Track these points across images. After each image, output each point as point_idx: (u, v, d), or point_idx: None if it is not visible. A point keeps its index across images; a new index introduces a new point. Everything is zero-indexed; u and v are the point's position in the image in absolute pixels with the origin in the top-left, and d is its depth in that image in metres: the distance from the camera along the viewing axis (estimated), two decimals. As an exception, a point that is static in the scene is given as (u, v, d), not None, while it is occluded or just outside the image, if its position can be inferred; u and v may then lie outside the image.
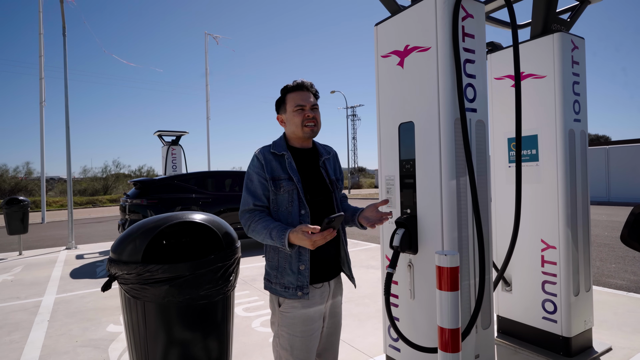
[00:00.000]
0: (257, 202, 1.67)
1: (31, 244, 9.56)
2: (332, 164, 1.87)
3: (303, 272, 1.64)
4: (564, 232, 2.74)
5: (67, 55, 9.47)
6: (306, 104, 1.71)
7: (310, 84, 1.77)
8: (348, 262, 1.84)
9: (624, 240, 1.31)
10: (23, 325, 3.90)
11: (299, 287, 1.63)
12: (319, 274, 1.70)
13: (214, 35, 21.71)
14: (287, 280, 1.65)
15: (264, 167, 1.67)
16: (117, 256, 1.56)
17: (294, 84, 1.75)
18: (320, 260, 1.70)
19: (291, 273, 1.64)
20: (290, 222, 1.66)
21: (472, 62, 2.09)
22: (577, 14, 2.95)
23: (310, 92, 1.75)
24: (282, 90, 1.79)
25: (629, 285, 4.81)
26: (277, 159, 1.70)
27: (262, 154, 1.71)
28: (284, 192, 1.66)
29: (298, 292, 1.62)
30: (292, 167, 1.69)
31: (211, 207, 7.42)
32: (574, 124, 2.80)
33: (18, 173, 30.46)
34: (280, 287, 1.66)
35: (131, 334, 1.60)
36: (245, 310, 4.16)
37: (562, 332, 2.75)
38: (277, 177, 1.67)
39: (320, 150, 1.85)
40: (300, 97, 1.72)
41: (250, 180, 1.70)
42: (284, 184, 1.66)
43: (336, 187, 1.82)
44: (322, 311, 1.71)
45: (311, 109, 1.72)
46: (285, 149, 1.73)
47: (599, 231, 8.70)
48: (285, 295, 1.64)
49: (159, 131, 13.02)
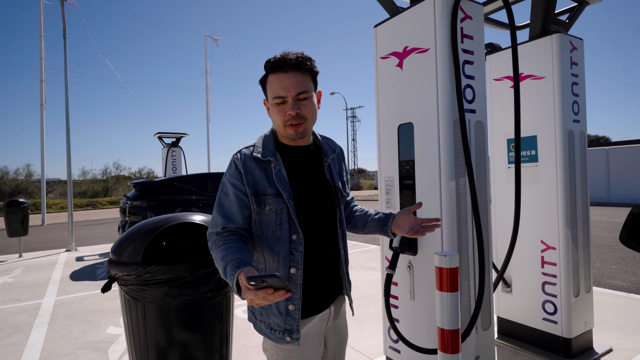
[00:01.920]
0: (229, 224, 1.27)
1: (31, 246, 9.55)
2: (337, 166, 1.48)
3: (292, 313, 1.27)
4: (563, 233, 2.74)
5: (67, 58, 9.49)
6: (287, 94, 1.24)
7: (296, 58, 1.25)
8: (348, 285, 1.46)
9: (623, 241, 1.31)
10: (23, 327, 3.89)
11: (287, 330, 1.27)
12: (315, 305, 1.36)
13: (214, 37, 21.74)
14: (272, 321, 1.30)
15: (243, 177, 1.27)
16: (117, 257, 1.56)
17: (273, 59, 1.26)
18: (315, 288, 1.34)
19: (278, 314, 1.28)
20: (278, 250, 1.28)
21: (471, 63, 2.10)
22: (575, 15, 2.96)
23: (297, 72, 1.26)
24: (264, 66, 1.30)
25: (630, 286, 4.80)
26: (262, 167, 1.29)
27: (241, 158, 1.30)
28: (270, 212, 1.27)
29: (286, 337, 1.27)
30: (281, 177, 1.28)
31: (211, 208, 7.42)
32: (573, 124, 2.80)
33: (18, 175, 30.49)
34: (265, 327, 1.32)
35: (131, 335, 1.60)
36: (245, 312, 4.15)
37: (562, 333, 2.75)
38: (260, 192, 1.27)
39: (323, 148, 1.42)
40: (280, 84, 1.24)
41: (225, 194, 1.30)
42: (270, 200, 1.26)
43: (342, 196, 1.45)
44: (321, 336, 1.40)
45: (296, 101, 1.26)
46: (272, 152, 1.30)
47: (599, 232, 8.69)
48: (272, 338, 1.30)
49: (159, 133, 13.05)
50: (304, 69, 1.27)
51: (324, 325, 1.40)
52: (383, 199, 2.39)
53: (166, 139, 13.41)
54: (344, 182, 1.49)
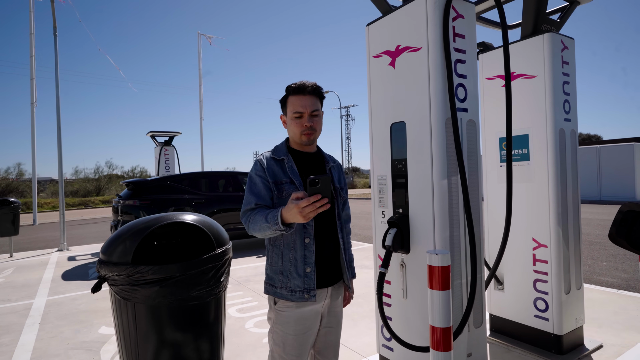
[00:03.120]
0: (260, 201, 1.63)
1: (22, 246, 9.44)
2: (337, 174, 1.84)
3: (309, 274, 1.63)
4: (555, 231, 2.76)
5: (58, 56, 9.38)
6: (305, 111, 1.66)
7: (312, 86, 1.68)
8: (348, 269, 1.80)
9: (612, 238, 1.33)
10: (13, 328, 3.85)
11: (306, 289, 1.62)
12: (320, 280, 1.68)
13: (207, 35, 21.63)
14: (293, 284, 1.62)
15: (266, 170, 1.66)
16: (107, 257, 1.55)
17: (294, 85, 1.69)
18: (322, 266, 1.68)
19: (297, 276, 1.62)
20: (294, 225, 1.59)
21: (463, 62, 2.10)
22: (566, 15, 2.98)
23: (312, 96, 1.68)
24: (286, 90, 1.74)
25: (620, 283, 4.86)
26: (278, 164, 1.69)
27: (264, 158, 1.71)
28: (286, 196, 1.63)
29: (305, 295, 1.61)
30: (292, 170, 1.67)
31: (204, 207, 7.39)
32: (564, 123, 2.82)
33: (9, 174, 30.11)
34: (286, 291, 1.63)
35: (122, 335, 1.59)
36: (239, 311, 4.14)
37: (553, 330, 2.77)
38: (279, 181, 1.66)
39: (325, 157, 1.83)
40: (300, 103, 1.67)
41: (254, 183, 1.67)
42: (285, 187, 1.64)
43: (339, 194, 1.78)
44: (318, 310, 1.70)
45: (310, 116, 1.67)
46: (285, 153, 1.71)
47: (591, 230, 8.79)
48: (292, 299, 1.62)
49: (151, 132, 12.94)
50: (317, 94, 1.71)
51: (321, 301, 1.70)
52: (376, 198, 2.39)
53: (159, 137, 13.30)
54: (342, 187, 1.83)
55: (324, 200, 1.39)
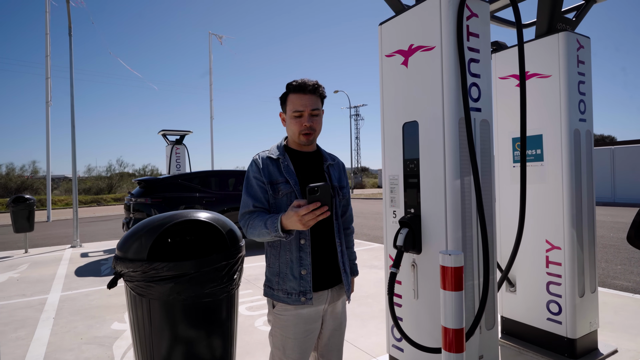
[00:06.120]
0: (257, 203, 1.61)
1: (37, 242, 9.63)
2: (337, 173, 1.79)
3: (305, 277, 1.59)
4: (569, 233, 2.72)
5: (73, 55, 9.53)
6: (305, 110, 1.62)
7: (313, 85, 1.64)
8: (349, 268, 1.77)
9: (631, 241, 1.30)
10: (29, 322, 3.93)
11: (302, 292, 1.58)
12: (318, 282, 1.64)
13: (218, 35, 21.71)
14: (289, 286, 1.59)
15: (261, 170, 1.63)
16: (123, 254, 1.57)
17: (295, 83, 1.64)
18: (320, 268, 1.64)
19: (293, 279, 1.59)
20: None
21: (477, 61, 2.09)
22: (582, 13, 2.94)
23: (313, 95, 1.64)
24: (286, 87, 1.69)
25: (635, 287, 4.77)
26: (274, 163, 1.66)
27: (259, 158, 1.68)
28: (282, 196, 1.61)
29: (301, 298, 1.58)
30: (288, 169, 1.64)
31: (214, 206, 7.45)
32: (579, 123, 2.78)
33: (24, 172, 30.73)
34: (282, 294, 1.60)
35: (136, 331, 1.61)
36: (249, 309, 4.17)
37: (566, 334, 2.73)
38: (274, 181, 1.63)
39: (324, 155, 1.79)
40: (300, 102, 1.62)
41: (250, 185, 1.65)
42: (281, 187, 1.61)
43: (338, 193, 1.73)
44: (318, 313, 1.66)
45: (310, 116, 1.63)
46: (282, 153, 1.67)
47: (604, 232, 8.64)
48: (289, 302, 1.58)
49: (163, 130, 13.07)
50: (317, 93, 1.65)
51: (322, 305, 1.65)
52: (387, 198, 2.38)
53: (170, 136, 13.43)
54: (342, 186, 1.79)
55: (323, 209, 1.38)
